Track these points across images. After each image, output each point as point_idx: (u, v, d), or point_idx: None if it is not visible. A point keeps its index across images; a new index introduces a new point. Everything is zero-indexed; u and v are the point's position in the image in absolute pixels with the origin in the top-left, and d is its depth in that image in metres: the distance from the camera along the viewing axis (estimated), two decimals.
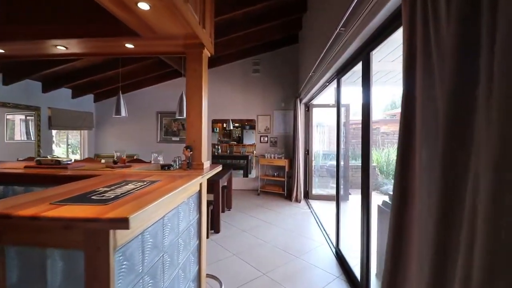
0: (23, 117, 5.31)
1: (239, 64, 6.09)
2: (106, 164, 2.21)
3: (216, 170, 2.13)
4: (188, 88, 2.03)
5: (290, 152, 5.84)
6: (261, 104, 6.08)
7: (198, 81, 1.99)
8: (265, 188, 5.72)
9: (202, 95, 1.99)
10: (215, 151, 8.81)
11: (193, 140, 1.99)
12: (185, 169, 1.94)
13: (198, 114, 2.00)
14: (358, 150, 8.95)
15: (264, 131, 6.10)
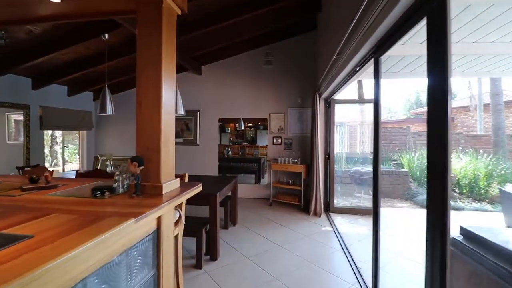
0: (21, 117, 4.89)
1: (248, 55, 5.35)
2: (22, 182, 1.54)
3: (188, 195, 1.39)
4: (139, 63, 1.32)
5: (307, 156, 5.02)
6: (274, 100, 5.30)
7: (154, 51, 1.27)
8: (278, 198, 4.93)
9: (161, 75, 1.27)
10: (225, 153, 8.15)
11: (146, 147, 1.28)
12: (132, 195, 1.21)
13: (154, 105, 1.29)
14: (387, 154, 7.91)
15: (277, 132, 5.32)
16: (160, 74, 1.28)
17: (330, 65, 3.04)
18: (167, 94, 1.32)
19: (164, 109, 1.27)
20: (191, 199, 2.92)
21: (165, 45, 1.31)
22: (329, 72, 3.24)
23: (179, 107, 3.27)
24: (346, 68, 2.63)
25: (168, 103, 1.34)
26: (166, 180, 1.28)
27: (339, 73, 2.88)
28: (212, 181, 3.53)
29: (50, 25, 3.34)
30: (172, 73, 1.40)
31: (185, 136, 5.69)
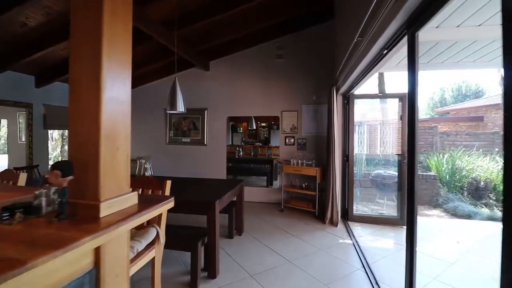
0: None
1: (258, 49, 4.96)
2: None
3: (149, 215, 1.02)
4: (72, 28, 0.96)
5: (322, 157, 4.56)
6: (286, 97, 4.88)
7: (92, 15, 0.91)
8: (290, 203, 4.50)
9: (101, 46, 0.91)
10: (237, 153, 7.81)
11: (79, 143, 0.91)
12: (52, 220, 0.85)
13: (90, 88, 0.91)
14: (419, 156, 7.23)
15: (290, 131, 4.89)
16: (100, 45, 0.90)
17: (349, 51, 2.59)
18: (114, 74, 0.93)
19: (106, 94, 0.90)
20: (185, 208, 2.59)
21: (108, 3, 0.93)
22: (349, 60, 2.78)
23: (179, 104, 2.95)
24: (370, 52, 2.18)
25: (117, 87, 0.95)
26: (110, 196, 0.91)
27: (361, 60, 2.43)
28: (214, 185, 3.17)
29: (44, 17, 3.12)
30: (125, 47, 1.03)
31: (192, 136, 5.39)
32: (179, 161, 5.46)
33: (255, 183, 6.49)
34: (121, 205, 0.95)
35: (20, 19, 3.04)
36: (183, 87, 5.33)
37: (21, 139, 5.48)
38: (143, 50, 4.34)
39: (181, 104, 2.97)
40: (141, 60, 4.66)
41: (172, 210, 2.36)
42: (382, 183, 4.87)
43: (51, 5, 2.92)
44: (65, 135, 7.66)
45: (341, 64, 3.17)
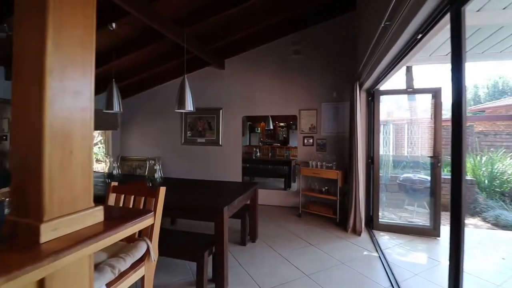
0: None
1: (274, 45, 4.72)
2: None
3: (118, 235, 0.82)
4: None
5: (344, 159, 4.22)
6: (305, 95, 4.59)
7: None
8: (308, 208, 4.20)
9: (47, 12, 0.70)
10: (254, 154, 7.60)
11: (21, 145, 0.72)
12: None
13: (33, 72, 0.70)
14: None
15: (308, 131, 4.60)
16: (45, 12, 0.69)
17: (375, 40, 2.28)
18: (65, 55, 0.72)
19: (53, 82, 0.69)
20: (190, 214, 2.41)
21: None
22: (374, 51, 2.46)
23: (187, 103, 2.79)
24: (400, 38, 1.87)
25: (70, 73, 0.75)
26: (61, 214, 0.70)
27: (388, 49, 2.11)
28: (225, 188, 2.98)
29: None
30: (85, 19, 0.83)
31: (207, 136, 5.26)
32: (194, 162, 5.35)
33: (272, 185, 6.25)
34: (77, 224, 0.75)
35: None
36: (198, 87, 5.25)
37: None
38: (158, 49, 4.26)
39: (190, 102, 2.81)
40: (156, 60, 4.60)
41: (178, 216, 2.24)
42: (411, 188, 4.43)
43: None
44: None
45: (365, 57, 2.85)
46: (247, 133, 9.14)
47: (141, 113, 5.81)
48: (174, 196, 2.57)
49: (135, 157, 5.83)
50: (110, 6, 3.02)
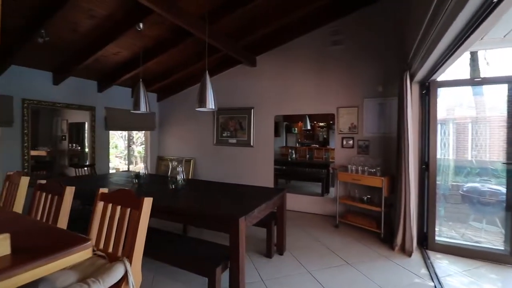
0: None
1: (310, 37, 4.32)
2: None
3: (23, 279, 0.59)
4: None
5: (391, 164, 3.63)
6: (344, 90, 4.10)
7: None
8: (347, 219, 3.70)
9: None
10: (290, 155, 7.22)
11: None
12: None
13: None
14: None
15: (348, 131, 4.09)
16: None
17: (432, 10, 1.78)
18: None
19: None
20: (203, 223, 2.18)
21: None
22: (429, 28, 1.95)
23: (208, 101, 2.60)
24: (467, 6, 1.38)
25: None
26: None
27: (452, 21, 1.61)
28: (248, 194, 2.70)
29: (90, 20, 3.20)
30: None
31: (239, 137, 5.08)
32: (225, 163, 5.22)
33: (309, 190, 5.80)
34: None
35: (68, 25, 3.15)
36: (229, 86, 5.12)
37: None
38: (188, 49, 4.19)
39: (211, 101, 2.61)
40: (188, 60, 4.56)
41: (189, 223, 2.07)
42: (479, 200, 3.61)
43: (93, 7, 2.94)
44: (132, 135, 8.38)
45: (418, 37, 2.32)
46: (283, 133, 8.79)
47: (176, 114, 5.90)
48: (187, 201, 2.40)
49: (171, 157, 5.93)
50: (136, 7, 3.01)
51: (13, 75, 3.68)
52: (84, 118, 4.85)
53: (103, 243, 1.15)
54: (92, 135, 4.79)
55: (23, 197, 1.54)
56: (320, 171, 6.57)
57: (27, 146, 3.88)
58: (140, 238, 1.06)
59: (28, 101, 3.86)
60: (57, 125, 5.03)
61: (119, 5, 2.96)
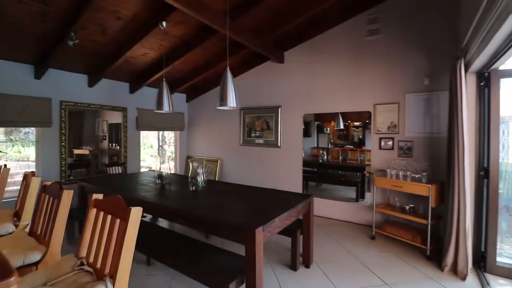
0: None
1: (343, 28, 3.95)
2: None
3: None
4: None
5: (439, 169, 3.14)
6: (382, 84, 3.66)
7: None
8: (386, 230, 3.28)
9: None
10: (321, 157, 6.81)
11: None
12: None
13: None
14: None
15: (387, 130, 3.64)
16: None
17: None
18: None
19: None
20: (217, 231, 1.97)
21: None
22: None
23: (230, 98, 2.43)
24: None
25: None
26: None
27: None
28: (271, 200, 2.47)
29: (119, 26, 3.23)
30: None
31: (265, 137, 4.87)
32: (251, 165, 5.05)
33: (341, 195, 5.37)
34: None
35: (97, 27, 3.21)
36: (256, 84, 4.93)
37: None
38: (215, 47, 4.09)
39: (233, 98, 2.43)
40: (215, 59, 4.47)
41: (204, 230, 1.93)
42: None
43: (119, 8, 2.95)
44: (163, 135, 8.65)
45: (476, 17, 1.89)
46: (315, 133, 8.37)
47: (204, 114, 5.88)
48: (203, 205, 2.24)
49: (199, 157, 5.93)
50: (159, 5, 2.96)
51: (51, 78, 3.90)
52: (119, 118, 5.06)
53: (93, 256, 1.03)
54: (124, 135, 4.95)
55: (33, 198, 1.52)
56: (355, 175, 6.09)
57: (64, 145, 4.09)
58: (126, 255, 0.91)
59: (65, 102, 4.07)
60: (98, 125, 5.31)
61: (142, 4, 2.94)
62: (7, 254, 1.14)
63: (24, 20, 2.81)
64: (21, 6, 2.60)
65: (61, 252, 1.22)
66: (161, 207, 2.26)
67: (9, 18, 2.74)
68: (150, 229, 2.68)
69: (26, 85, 3.65)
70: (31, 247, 1.21)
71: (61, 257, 1.16)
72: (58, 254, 1.20)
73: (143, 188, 2.94)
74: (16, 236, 1.34)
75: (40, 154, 3.91)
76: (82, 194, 3.29)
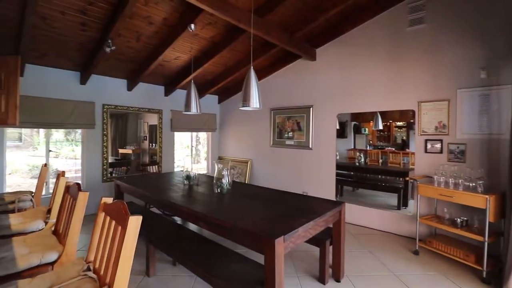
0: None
1: (380, 20, 3.61)
2: None
3: None
4: None
5: (500, 177, 2.67)
6: (428, 79, 3.25)
7: None
8: (432, 245, 2.88)
9: None
10: (358, 160, 6.38)
11: None
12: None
13: None
14: None
15: (434, 131, 3.23)
16: None
17: None
18: None
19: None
20: (236, 237, 1.86)
21: None
22: None
23: (253, 98, 2.34)
24: None
25: None
26: None
27: None
28: (297, 207, 2.31)
29: (151, 31, 3.35)
30: None
31: (296, 138, 4.68)
32: (281, 167, 4.89)
33: (380, 202, 4.94)
34: None
35: (132, 34, 3.36)
36: (286, 83, 4.76)
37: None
38: (245, 47, 4.05)
39: (256, 99, 2.33)
40: (245, 59, 4.42)
41: (222, 235, 1.86)
42: None
43: (151, 14, 3.05)
44: (198, 136, 8.89)
45: None
46: (351, 134, 7.88)
47: (235, 115, 5.89)
48: (225, 209, 2.17)
49: (231, 158, 5.96)
50: (187, 8, 2.99)
51: (94, 83, 4.20)
52: (156, 120, 5.32)
53: (98, 262, 1.00)
54: (160, 136, 5.16)
55: (60, 197, 1.59)
56: (396, 180, 5.57)
57: (105, 145, 4.38)
58: (124, 264, 0.86)
59: (107, 106, 4.36)
60: (140, 126, 5.65)
61: (171, 8, 2.99)
62: (28, 253, 1.18)
63: (68, 30, 3.05)
64: (64, 17, 2.82)
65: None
66: (185, 209, 2.24)
67: (55, 29, 2.99)
68: (177, 231, 2.70)
69: (73, 90, 3.99)
70: (50, 246, 1.25)
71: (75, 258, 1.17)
72: (73, 255, 1.22)
73: (171, 188, 2.98)
74: (42, 234, 1.40)
75: (85, 153, 4.24)
76: (118, 192, 3.47)
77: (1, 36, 2.95)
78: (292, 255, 2.88)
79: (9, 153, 6.37)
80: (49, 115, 3.75)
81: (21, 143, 7.73)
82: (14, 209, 1.86)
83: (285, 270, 2.57)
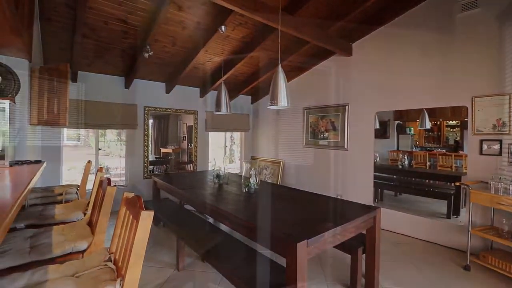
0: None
1: (425, 8, 3.26)
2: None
3: None
4: None
5: None
6: (483, 72, 2.84)
7: None
8: (487, 261, 2.51)
9: None
10: (401, 162, 5.88)
11: None
12: None
13: None
14: None
15: (491, 130, 2.81)
16: None
17: None
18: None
19: None
20: (257, 238, 1.81)
21: None
22: None
23: (281, 97, 2.29)
24: None
25: None
26: None
27: None
28: (326, 209, 2.18)
29: (185, 35, 3.50)
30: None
31: (330, 138, 4.47)
32: (314, 168, 4.72)
33: (426, 209, 4.48)
34: None
35: (168, 39, 3.54)
36: (320, 81, 4.59)
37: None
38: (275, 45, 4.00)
39: (283, 97, 2.27)
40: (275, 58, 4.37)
41: (247, 236, 1.83)
42: None
43: (184, 19, 3.17)
44: (232, 136, 9.06)
45: None
46: (394, 134, 7.29)
47: (267, 115, 5.87)
48: (250, 210, 2.14)
49: (263, 158, 5.95)
50: (217, 10, 3.05)
51: (136, 87, 4.53)
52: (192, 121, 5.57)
53: (118, 254, 1.05)
54: (195, 136, 5.36)
55: (96, 190, 1.72)
56: (447, 185, 5.03)
57: (146, 144, 4.69)
58: (136, 259, 0.88)
59: (147, 107, 4.67)
60: (179, 127, 5.97)
61: (202, 11, 3.08)
62: (63, 241, 1.29)
63: (111, 39, 3.32)
64: (108, 27, 3.08)
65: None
66: (210, 207, 2.28)
67: (101, 38, 3.28)
68: (208, 229, 2.76)
69: (118, 94, 4.35)
70: (83, 236, 1.35)
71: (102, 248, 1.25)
72: (101, 245, 1.30)
73: (202, 186, 3.06)
74: (78, 224, 1.53)
75: (129, 152, 4.59)
76: (155, 188, 3.68)
77: (55, 46, 3.34)
78: (322, 260, 2.75)
79: (69, 151, 7.18)
80: (98, 117, 4.14)
81: (79, 143, 8.71)
82: (62, 201, 2.08)
83: (314, 276, 2.46)
